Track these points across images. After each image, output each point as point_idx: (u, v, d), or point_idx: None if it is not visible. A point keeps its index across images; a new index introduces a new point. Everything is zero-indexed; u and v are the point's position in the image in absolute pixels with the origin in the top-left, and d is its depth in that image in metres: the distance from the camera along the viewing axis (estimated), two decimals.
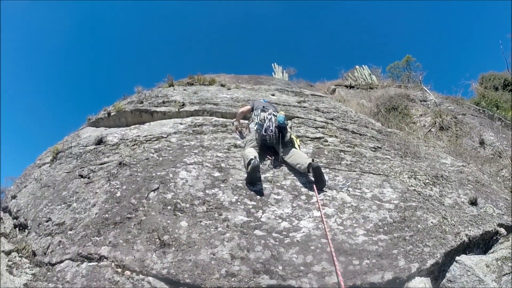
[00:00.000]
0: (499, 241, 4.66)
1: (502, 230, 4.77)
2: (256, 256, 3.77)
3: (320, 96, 10.37)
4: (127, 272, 3.59)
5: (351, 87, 15.59)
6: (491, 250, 4.51)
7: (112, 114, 8.01)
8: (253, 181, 5.04)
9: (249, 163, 5.02)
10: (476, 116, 11.92)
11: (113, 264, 3.69)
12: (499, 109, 14.00)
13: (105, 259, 3.76)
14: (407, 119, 11.36)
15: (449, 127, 10.63)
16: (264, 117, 5.70)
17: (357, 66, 18.00)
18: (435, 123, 10.80)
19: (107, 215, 4.42)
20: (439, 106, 11.85)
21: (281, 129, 5.61)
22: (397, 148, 6.95)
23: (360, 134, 7.35)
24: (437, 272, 3.96)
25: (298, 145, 5.89)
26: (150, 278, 3.53)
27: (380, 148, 6.83)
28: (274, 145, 5.70)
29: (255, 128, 5.76)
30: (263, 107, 6.13)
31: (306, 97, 9.68)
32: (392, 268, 3.70)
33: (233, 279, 3.50)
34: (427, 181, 5.66)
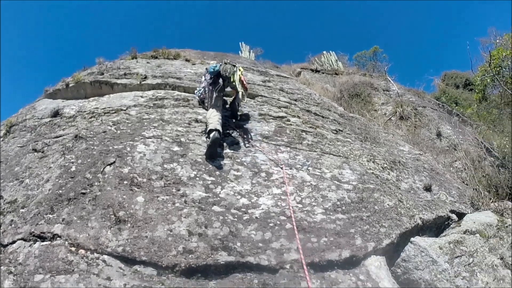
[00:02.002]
0: (451, 225, 4.89)
1: (454, 216, 5.02)
2: (214, 232, 3.72)
3: (286, 77, 10.32)
4: (81, 251, 3.44)
5: (316, 71, 15.65)
6: (443, 234, 4.72)
7: (70, 85, 7.60)
8: (213, 155, 4.94)
9: (208, 135, 4.95)
10: (436, 110, 12.40)
11: (66, 242, 3.51)
12: (458, 105, 14.68)
13: (58, 238, 3.58)
14: (369, 106, 11.59)
15: (409, 117, 10.97)
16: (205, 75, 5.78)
17: (324, 52, 18.07)
18: (396, 112, 11.09)
19: (61, 191, 4.19)
20: (401, 97, 12.19)
21: (218, 77, 5.62)
22: (357, 133, 7.06)
23: (323, 117, 7.38)
24: (392, 252, 4.08)
25: (242, 94, 5.82)
26: (105, 256, 3.40)
27: (342, 131, 6.90)
28: (217, 92, 5.69)
29: (205, 88, 5.81)
30: (206, 69, 6.13)
31: (271, 77, 9.60)
32: (349, 246, 3.77)
33: (190, 256, 3.44)
34: (385, 165, 5.78)
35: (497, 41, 12.92)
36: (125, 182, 4.28)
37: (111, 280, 3.22)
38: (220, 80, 5.67)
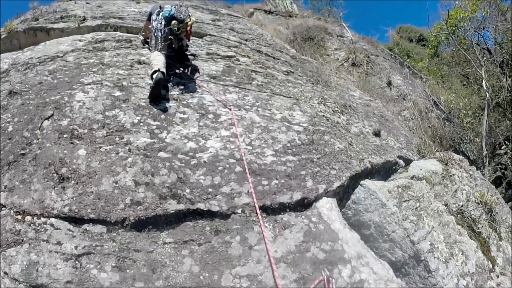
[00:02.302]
0: (399, 171, 5.10)
1: (401, 162, 5.23)
2: (161, 180, 3.59)
3: (237, 17, 9.89)
4: (28, 218, 3.24)
5: (270, 12, 15.40)
6: (391, 178, 4.91)
7: (2, 37, 6.89)
8: (157, 98, 4.67)
9: (151, 76, 4.66)
10: (388, 60, 12.71)
11: (11, 211, 3.29)
12: (409, 58, 15.17)
13: (3, 208, 3.33)
14: (322, 50, 11.62)
15: (361, 64, 11.15)
16: (156, 17, 5.30)
17: None
18: (349, 58, 11.22)
19: None
20: (354, 44, 12.27)
21: (170, 21, 5.20)
22: (309, 75, 6.95)
23: (274, 58, 7.15)
24: (343, 194, 4.16)
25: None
26: (52, 220, 3.22)
27: (293, 72, 6.75)
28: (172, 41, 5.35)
29: (153, 28, 5.31)
30: (160, 7, 5.55)
31: (221, 16, 9.12)
32: (301, 188, 3.78)
33: (139, 208, 3.32)
34: (336, 109, 5.79)
35: (457, 2, 13.21)
36: (65, 135, 3.98)
37: (62, 244, 3.07)
38: (172, 24, 5.20)
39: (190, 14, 5.50)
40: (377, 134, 5.60)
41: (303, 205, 3.71)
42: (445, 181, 5.02)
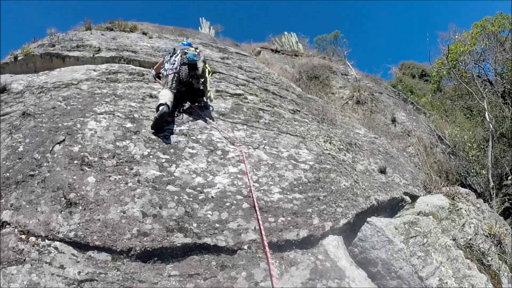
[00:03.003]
0: (405, 207, 5.07)
1: (408, 198, 5.20)
2: (169, 213, 3.61)
3: (245, 55, 10.21)
4: (32, 238, 3.23)
5: (276, 51, 15.73)
6: (398, 215, 4.88)
7: (19, 58, 7.13)
8: (159, 129, 4.82)
9: (157, 108, 4.83)
10: (392, 96, 12.85)
11: (16, 230, 3.28)
12: (413, 94, 15.35)
13: (7, 226, 3.33)
14: (327, 89, 11.78)
15: (365, 102, 11.27)
16: (174, 59, 5.57)
17: (285, 33, 18.19)
18: (353, 96, 11.35)
19: (8, 174, 3.89)
20: (358, 82, 12.46)
21: (191, 66, 5.47)
22: (315, 114, 7.09)
23: (281, 96, 7.34)
24: (349, 231, 4.15)
25: (209, 94, 5.72)
26: (57, 243, 3.21)
27: (299, 111, 6.91)
28: (186, 84, 5.57)
29: (166, 69, 5.56)
30: (174, 49, 5.91)
31: (230, 54, 9.44)
32: (307, 226, 3.79)
33: (145, 239, 3.32)
34: (341, 147, 5.87)
35: (456, 36, 13.48)
36: (75, 161, 4.04)
37: (65, 268, 3.05)
38: (186, 68, 5.50)
39: (205, 61, 5.73)
40: (382, 171, 5.65)
41: (310, 242, 3.70)
42: (452, 216, 5.00)
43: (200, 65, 5.47)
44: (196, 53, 5.62)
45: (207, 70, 5.58)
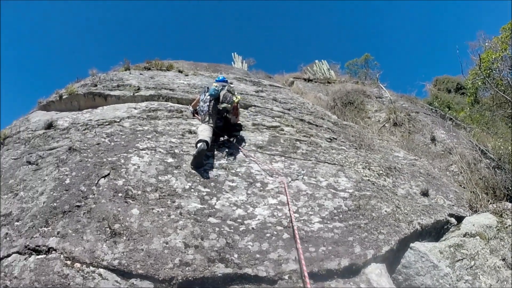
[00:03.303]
0: (451, 229, 4.87)
1: (453, 220, 5.00)
2: (210, 244, 3.67)
3: (278, 87, 10.37)
4: (77, 264, 3.38)
5: (309, 80, 15.74)
6: (443, 238, 4.70)
7: (64, 97, 7.59)
8: (199, 164, 4.97)
9: (196, 144, 5.01)
10: (429, 115, 12.45)
11: (62, 256, 3.46)
12: (450, 109, 14.74)
13: (53, 251, 3.52)
14: (362, 113, 11.62)
15: (402, 123, 11.00)
16: (207, 97, 5.79)
17: (316, 61, 18.20)
18: (389, 119, 11.13)
19: (55, 204, 4.13)
20: (394, 103, 12.24)
21: (216, 99, 5.66)
22: (352, 140, 7.05)
23: (316, 125, 7.38)
24: (392, 258, 4.05)
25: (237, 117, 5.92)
26: (101, 270, 3.34)
27: (336, 139, 6.90)
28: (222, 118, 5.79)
29: (201, 106, 5.81)
30: (208, 88, 6.13)
31: (264, 87, 9.63)
32: (348, 254, 3.73)
33: (187, 269, 3.38)
34: (381, 172, 5.77)
35: (486, 44, 13.04)
36: (120, 194, 4.23)
37: None
38: (218, 104, 5.73)
39: (236, 92, 5.97)
40: (425, 193, 5.48)
41: (351, 271, 3.64)
42: (501, 234, 4.75)
43: (221, 93, 5.66)
44: (219, 87, 5.81)
45: (235, 98, 5.75)
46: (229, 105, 5.65)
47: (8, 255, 3.62)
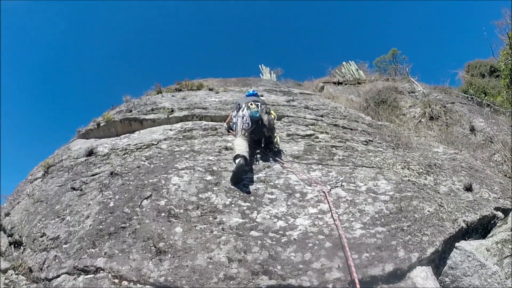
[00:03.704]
0: (497, 224, 4.67)
1: (500, 214, 4.78)
2: (253, 257, 3.72)
3: (309, 94, 10.40)
4: (125, 283, 3.53)
5: (339, 83, 15.57)
6: (490, 234, 4.50)
7: (101, 124, 7.94)
8: (239, 180, 5.04)
9: (234, 160, 5.10)
10: (465, 103, 11.99)
11: (110, 275, 3.62)
12: (487, 95, 14.05)
13: (101, 271, 3.70)
14: (396, 111, 11.38)
15: (438, 116, 10.68)
16: (242, 113, 5.84)
17: (344, 63, 17.93)
18: (425, 113, 10.84)
19: (101, 226, 4.34)
20: (427, 97, 11.89)
21: (257, 121, 5.69)
22: (388, 140, 6.95)
23: (351, 129, 7.34)
24: (438, 260, 3.94)
25: (276, 140, 5.95)
26: (148, 287, 3.47)
27: (372, 141, 6.83)
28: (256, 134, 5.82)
29: (236, 123, 5.88)
30: (239, 104, 6.21)
31: (294, 96, 9.69)
32: (392, 259, 3.68)
33: (231, 282, 3.45)
34: (421, 170, 5.65)
35: None
36: (163, 214, 4.38)
37: None
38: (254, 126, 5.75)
39: (270, 108, 6.02)
40: (468, 188, 5.28)
41: (396, 276, 3.57)
42: None
43: (265, 118, 5.70)
44: (258, 107, 5.85)
45: (273, 119, 5.82)
46: (273, 131, 5.78)
47: (58, 276, 3.87)
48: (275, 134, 5.93)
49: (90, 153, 6.70)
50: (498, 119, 10.46)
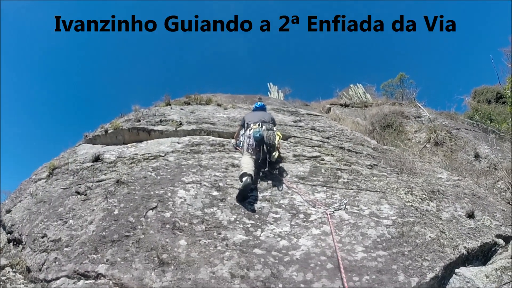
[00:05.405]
0: (498, 251, 4.70)
1: (501, 241, 4.81)
2: (256, 274, 3.77)
3: (316, 115, 10.49)
4: None
5: (346, 105, 15.66)
6: (491, 261, 4.53)
7: (109, 131, 8.01)
8: (245, 198, 5.12)
9: (240, 178, 5.18)
10: (470, 130, 11.99)
11: (110, 282, 3.66)
12: (492, 122, 14.06)
13: (102, 277, 3.74)
14: (402, 135, 11.42)
15: (444, 142, 10.69)
16: (249, 133, 6.01)
17: (351, 85, 18.10)
18: (430, 138, 10.87)
19: (104, 233, 4.40)
20: (433, 122, 11.95)
21: (260, 140, 5.84)
22: (393, 165, 7.01)
23: (356, 152, 7.42)
24: (437, 286, 3.97)
25: (274, 154, 6.01)
26: None
27: (376, 165, 6.89)
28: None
29: (242, 141, 6.03)
30: (248, 122, 6.34)
31: (302, 116, 9.79)
32: (392, 283, 3.71)
33: None
34: (424, 196, 5.70)
35: None
36: (168, 226, 4.45)
37: None
38: (258, 145, 5.94)
39: (274, 129, 6.14)
40: (470, 215, 5.31)
41: None
42: None
43: (264, 134, 5.85)
44: (260, 126, 6.02)
45: (277, 136, 5.94)
46: (275, 151, 5.90)
47: (57, 278, 3.89)
48: (275, 150, 6.01)
49: (97, 159, 6.76)
50: (503, 146, 10.44)
